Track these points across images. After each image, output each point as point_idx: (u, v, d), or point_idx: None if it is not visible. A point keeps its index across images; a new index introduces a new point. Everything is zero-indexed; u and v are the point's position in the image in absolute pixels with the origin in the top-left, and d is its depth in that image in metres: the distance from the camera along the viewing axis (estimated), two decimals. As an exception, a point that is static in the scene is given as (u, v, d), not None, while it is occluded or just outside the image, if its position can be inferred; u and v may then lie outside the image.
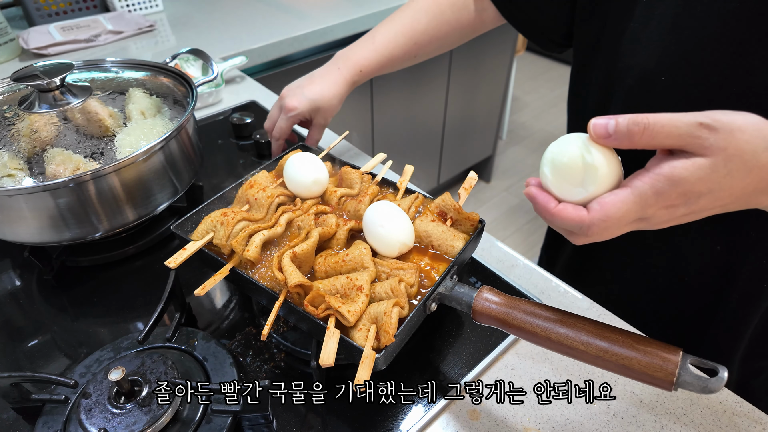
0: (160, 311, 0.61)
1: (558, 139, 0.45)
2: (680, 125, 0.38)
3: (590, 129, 0.42)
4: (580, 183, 0.42)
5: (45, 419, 0.53)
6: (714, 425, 0.56)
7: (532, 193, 0.44)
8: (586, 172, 0.41)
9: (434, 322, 0.67)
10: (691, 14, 0.56)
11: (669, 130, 0.39)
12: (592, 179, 0.41)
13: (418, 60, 0.92)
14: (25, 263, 0.78)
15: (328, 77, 0.88)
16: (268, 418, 0.55)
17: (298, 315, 0.54)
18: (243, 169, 1.01)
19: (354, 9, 1.66)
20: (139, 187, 0.70)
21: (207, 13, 1.69)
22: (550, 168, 0.44)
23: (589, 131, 0.43)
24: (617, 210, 0.39)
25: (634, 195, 0.39)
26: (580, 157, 0.42)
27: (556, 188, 0.43)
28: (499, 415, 0.58)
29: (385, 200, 0.63)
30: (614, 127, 0.41)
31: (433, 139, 2.34)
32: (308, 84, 0.88)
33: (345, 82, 0.88)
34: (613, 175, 0.42)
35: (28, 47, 1.36)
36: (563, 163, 0.43)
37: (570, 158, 0.42)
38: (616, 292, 0.80)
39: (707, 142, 0.38)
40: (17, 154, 0.68)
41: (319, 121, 0.90)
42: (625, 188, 0.40)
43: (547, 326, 0.47)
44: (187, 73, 1.00)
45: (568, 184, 0.43)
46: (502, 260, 0.79)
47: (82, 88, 0.76)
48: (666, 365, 0.41)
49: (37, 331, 0.69)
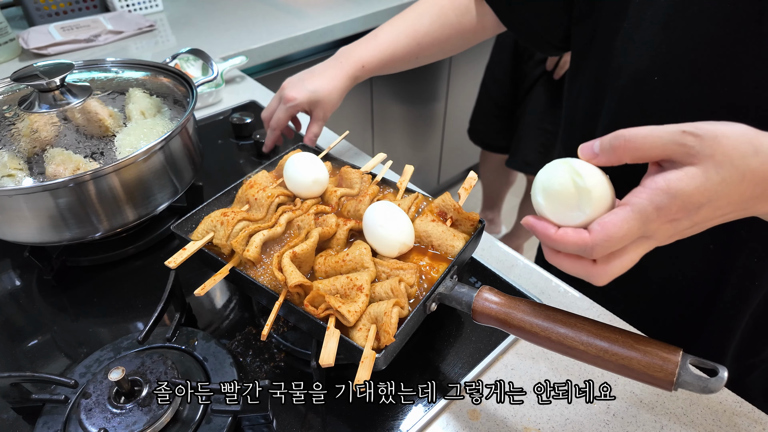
0: (160, 311, 0.61)
1: (545, 167, 0.45)
2: (663, 134, 0.39)
3: (580, 152, 0.43)
4: (576, 206, 0.42)
5: (45, 419, 0.53)
6: (714, 425, 0.56)
7: (530, 222, 0.44)
8: (580, 195, 0.41)
9: (434, 322, 0.67)
10: (682, 15, 0.56)
11: (652, 141, 0.39)
12: (587, 201, 0.41)
13: (420, 62, 0.92)
14: (25, 263, 0.78)
15: (329, 71, 0.88)
16: (268, 418, 0.55)
17: (298, 315, 0.54)
18: (243, 169, 1.01)
19: (354, 9, 1.66)
20: (139, 187, 0.70)
21: (207, 13, 1.69)
22: (543, 196, 0.44)
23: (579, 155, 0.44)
24: (618, 229, 0.39)
25: (634, 212, 0.39)
26: (571, 182, 0.42)
27: (553, 215, 0.43)
28: (499, 415, 0.58)
29: (385, 200, 0.63)
30: (599, 146, 0.42)
31: (433, 139, 2.34)
32: (309, 77, 0.88)
33: (346, 76, 0.87)
34: (607, 195, 0.42)
35: (28, 47, 1.36)
36: (555, 190, 0.43)
37: (561, 184, 0.42)
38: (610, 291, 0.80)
39: (693, 149, 0.38)
40: (17, 154, 0.68)
41: (319, 115, 0.90)
42: (625, 207, 0.40)
43: (547, 326, 0.47)
44: (187, 73, 1.00)
45: (564, 208, 0.43)
46: (502, 260, 0.79)
47: (82, 88, 0.76)
48: (666, 365, 0.41)
49: (37, 331, 0.69)
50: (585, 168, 0.42)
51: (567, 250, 0.42)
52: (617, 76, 0.64)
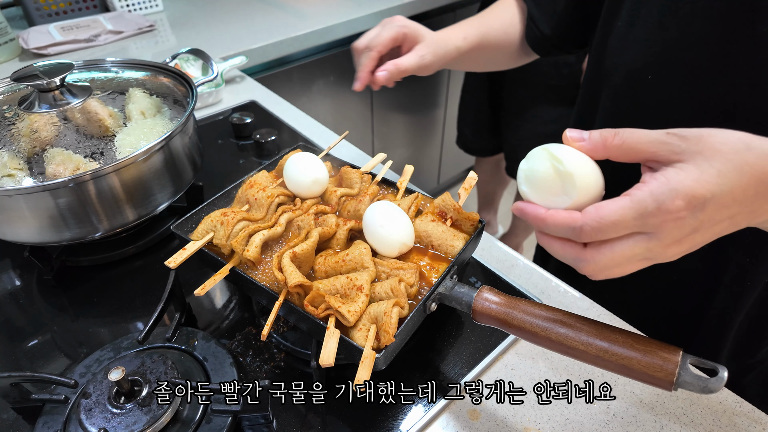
0: (160, 311, 0.61)
1: (526, 156, 0.46)
2: (650, 133, 0.40)
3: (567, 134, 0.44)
4: (561, 191, 0.42)
5: (45, 419, 0.53)
6: (714, 425, 0.56)
7: (520, 207, 0.44)
8: (563, 180, 0.42)
9: (434, 322, 0.67)
10: (676, 14, 0.57)
11: (639, 136, 0.40)
12: (571, 185, 0.42)
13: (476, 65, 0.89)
14: (25, 263, 0.78)
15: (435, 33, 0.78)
16: (268, 418, 0.55)
17: (298, 315, 0.54)
18: (243, 169, 1.01)
19: (354, 9, 1.66)
20: (139, 187, 0.70)
21: (207, 13, 1.69)
22: (527, 185, 0.44)
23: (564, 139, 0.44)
24: (612, 213, 0.39)
25: (632, 201, 0.39)
26: (552, 168, 0.42)
27: (540, 202, 0.44)
28: (499, 415, 0.58)
29: (385, 200, 0.63)
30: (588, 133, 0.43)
31: (433, 139, 2.34)
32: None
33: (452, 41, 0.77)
34: (592, 177, 0.42)
35: (28, 47, 1.36)
36: (538, 178, 0.43)
37: (543, 171, 0.43)
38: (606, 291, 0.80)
39: (678, 148, 0.39)
40: (17, 154, 0.68)
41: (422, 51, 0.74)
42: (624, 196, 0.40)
43: (547, 326, 0.47)
44: (187, 73, 1.00)
45: (549, 195, 0.43)
46: (502, 260, 0.79)
47: (82, 88, 0.76)
48: (666, 365, 0.41)
49: (37, 331, 0.69)
50: (564, 152, 0.43)
51: (557, 231, 0.42)
52: (611, 75, 0.65)
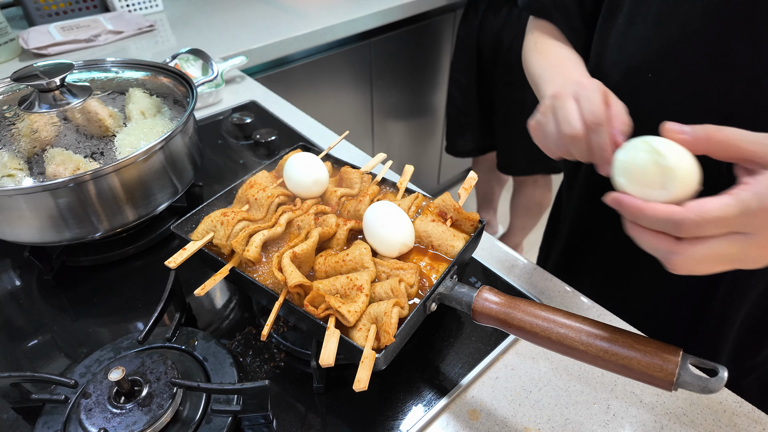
0: (160, 311, 0.61)
1: (623, 147, 0.45)
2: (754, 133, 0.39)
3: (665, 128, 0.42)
4: (659, 185, 0.41)
5: (45, 419, 0.53)
6: (714, 425, 0.56)
7: (617, 198, 0.42)
8: (663, 174, 0.41)
9: (434, 322, 0.67)
10: (675, 11, 0.57)
11: (743, 135, 0.39)
12: (671, 180, 0.40)
13: None
14: (25, 263, 0.78)
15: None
16: (268, 418, 0.55)
17: (298, 315, 0.54)
18: (243, 169, 1.01)
19: (354, 9, 1.66)
20: (139, 187, 0.70)
21: (207, 13, 1.69)
22: (625, 177, 0.43)
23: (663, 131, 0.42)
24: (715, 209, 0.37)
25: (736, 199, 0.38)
26: (653, 161, 0.41)
27: (636, 194, 0.42)
28: (499, 415, 0.58)
29: (385, 200, 0.63)
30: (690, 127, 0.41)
31: (433, 139, 2.34)
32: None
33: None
34: (691, 172, 0.41)
35: (28, 47, 1.36)
36: (636, 170, 0.42)
37: (643, 163, 0.42)
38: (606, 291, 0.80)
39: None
40: (17, 154, 0.68)
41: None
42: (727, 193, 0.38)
43: (547, 326, 0.47)
44: (187, 73, 1.00)
45: (648, 188, 0.42)
46: (502, 260, 0.79)
47: (82, 88, 0.76)
48: (666, 365, 0.41)
49: (37, 331, 0.69)
50: (666, 146, 0.41)
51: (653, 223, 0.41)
52: (610, 72, 0.64)
